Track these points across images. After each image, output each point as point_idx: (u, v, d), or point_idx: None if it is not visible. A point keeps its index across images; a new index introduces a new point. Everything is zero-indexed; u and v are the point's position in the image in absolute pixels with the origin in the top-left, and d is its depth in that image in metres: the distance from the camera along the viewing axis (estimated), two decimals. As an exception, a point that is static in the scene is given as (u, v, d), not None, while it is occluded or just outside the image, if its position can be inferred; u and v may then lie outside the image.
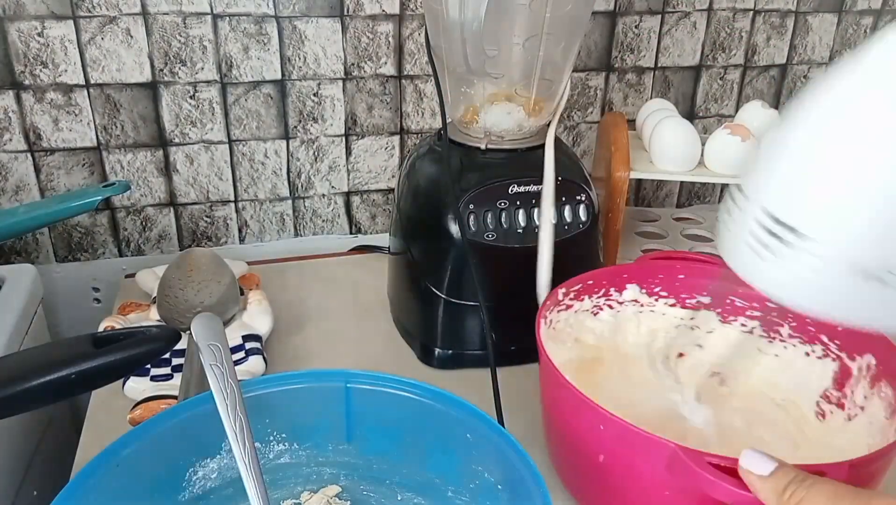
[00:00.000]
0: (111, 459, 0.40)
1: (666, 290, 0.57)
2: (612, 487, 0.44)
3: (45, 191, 0.78)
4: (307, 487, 0.48)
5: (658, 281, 0.57)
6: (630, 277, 0.57)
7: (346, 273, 0.82)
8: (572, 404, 0.44)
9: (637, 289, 0.57)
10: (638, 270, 0.58)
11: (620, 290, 0.57)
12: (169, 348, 0.43)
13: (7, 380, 0.39)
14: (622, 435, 0.41)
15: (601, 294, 0.57)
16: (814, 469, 0.35)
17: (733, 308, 0.56)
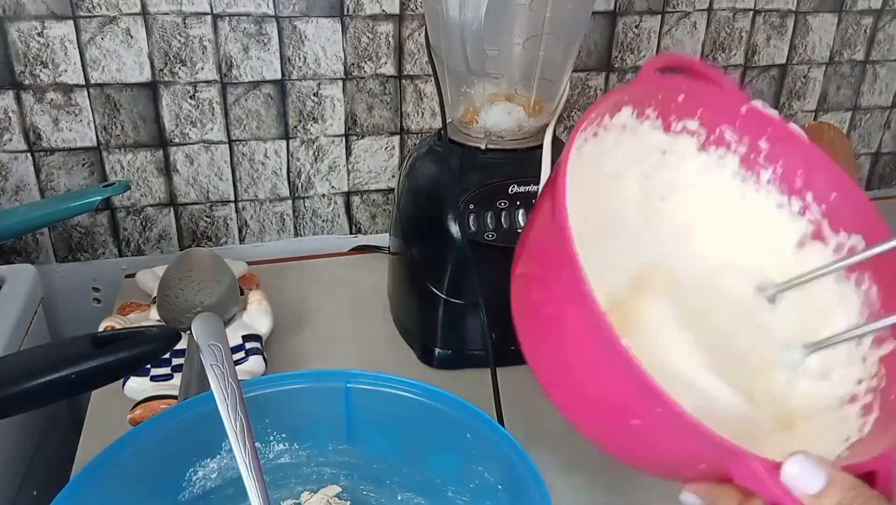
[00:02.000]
0: (111, 460, 0.41)
1: (658, 110, 0.48)
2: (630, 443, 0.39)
3: (45, 191, 0.78)
4: (307, 487, 0.48)
5: (655, 102, 0.48)
6: (629, 98, 0.47)
7: (346, 273, 0.82)
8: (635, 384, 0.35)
9: (630, 111, 0.47)
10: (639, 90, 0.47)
11: (614, 114, 0.47)
12: (169, 348, 0.43)
13: (7, 380, 0.39)
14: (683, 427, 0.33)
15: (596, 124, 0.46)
16: (862, 470, 0.33)
17: (720, 139, 0.49)
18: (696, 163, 0.49)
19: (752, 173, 0.48)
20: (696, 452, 0.35)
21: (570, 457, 0.57)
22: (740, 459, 0.32)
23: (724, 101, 0.47)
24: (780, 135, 0.46)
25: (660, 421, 0.34)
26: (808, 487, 0.31)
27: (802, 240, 0.47)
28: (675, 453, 0.37)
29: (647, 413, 0.34)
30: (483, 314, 0.59)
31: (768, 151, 0.47)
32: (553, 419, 0.60)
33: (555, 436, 0.59)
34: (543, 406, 0.61)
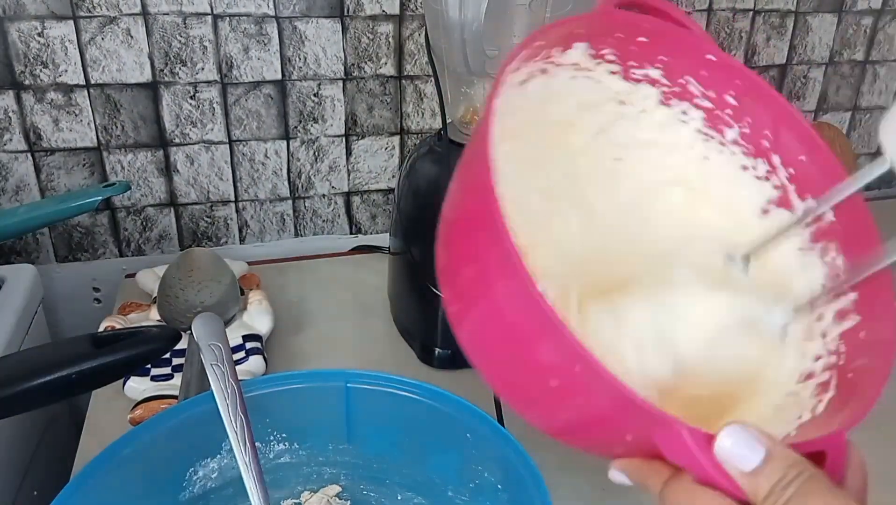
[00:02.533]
0: (111, 459, 0.41)
1: (616, 52, 0.43)
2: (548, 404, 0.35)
3: (46, 191, 0.78)
4: (307, 487, 0.48)
5: (613, 41, 0.42)
6: (585, 32, 0.41)
7: (346, 273, 0.82)
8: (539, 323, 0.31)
9: (585, 49, 0.42)
10: (596, 24, 0.42)
11: (565, 49, 0.41)
12: (169, 348, 0.43)
13: (7, 380, 0.39)
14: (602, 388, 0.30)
15: (543, 57, 0.41)
16: (810, 449, 0.29)
17: (683, 91, 0.44)
18: (657, 117, 0.44)
19: (716, 131, 0.44)
20: (619, 418, 0.31)
21: (571, 457, 0.57)
22: (668, 429, 0.29)
23: (690, 48, 0.42)
24: (748, 88, 0.42)
25: (579, 382, 0.31)
26: (743, 464, 0.27)
27: (766, 206, 0.43)
28: (597, 422, 0.33)
29: (566, 371, 0.31)
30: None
31: (735, 107, 0.43)
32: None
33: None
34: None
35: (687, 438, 0.28)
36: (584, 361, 0.29)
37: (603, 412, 0.32)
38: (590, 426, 0.34)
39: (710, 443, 0.28)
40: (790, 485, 0.27)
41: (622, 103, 0.44)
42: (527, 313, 0.31)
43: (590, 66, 0.43)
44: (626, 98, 0.44)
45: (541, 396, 0.34)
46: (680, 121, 0.44)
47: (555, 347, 0.31)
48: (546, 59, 0.40)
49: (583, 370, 0.29)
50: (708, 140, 0.44)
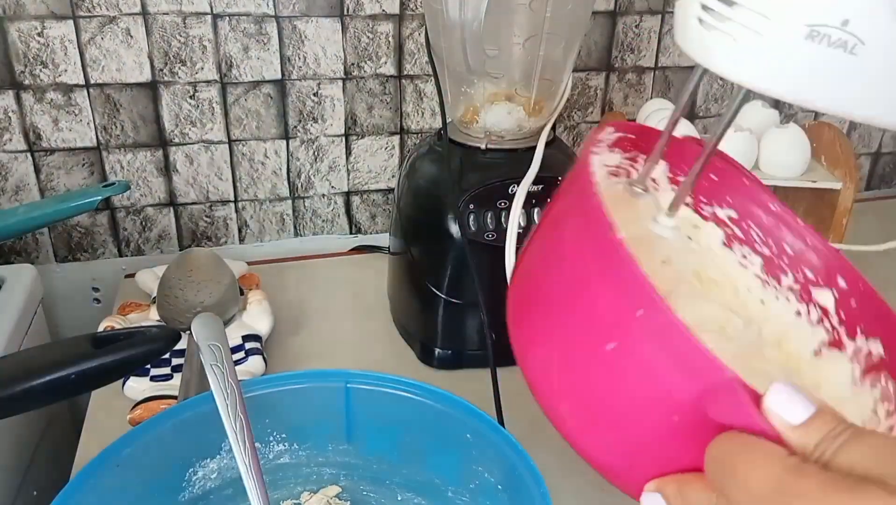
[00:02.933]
0: (111, 459, 0.41)
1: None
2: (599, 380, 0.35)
3: (45, 191, 0.78)
4: (307, 488, 0.48)
5: (688, 168, 0.44)
6: (668, 151, 0.43)
7: (346, 273, 0.82)
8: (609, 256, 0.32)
9: (665, 168, 0.45)
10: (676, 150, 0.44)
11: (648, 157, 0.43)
12: (169, 348, 0.43)
13: (7, 380, 0.39)
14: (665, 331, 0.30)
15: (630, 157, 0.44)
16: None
17: (746, 236, 0.47)
18: (720, 256, 0.47)
19: (774, 278, 0.46)
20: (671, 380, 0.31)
21: (571, 457, 0.57)
22: (722, 384, 0.29)
23: (752, 194, 0.45)
24: (803, 238, 0.45)
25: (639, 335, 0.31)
26: (792, 417, 0.27)
27: (819, 348, 0.44)
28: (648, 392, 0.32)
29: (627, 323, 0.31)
30: (483, 314, 0.59)
31: (791, 255, 0.45)
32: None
33: (555, 436, 0.59)
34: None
35: (739, 389, 0.28)
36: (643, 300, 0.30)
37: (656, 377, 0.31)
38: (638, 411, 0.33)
39: (759, 401, 0.28)
40: (840, 435, 0.26)
41: (690, 239, 0.46)
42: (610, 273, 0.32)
43: (666, 188, 0.45)
44: (693, 233, 0.46)
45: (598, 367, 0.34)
46: (741, 265, 0.47)
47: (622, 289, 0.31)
48: (633, 161, 0.44)
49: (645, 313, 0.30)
50: (766, 285, 0.46)
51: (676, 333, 0.29)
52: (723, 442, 0.29)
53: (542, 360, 0.38)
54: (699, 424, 0.30)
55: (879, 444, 0.25)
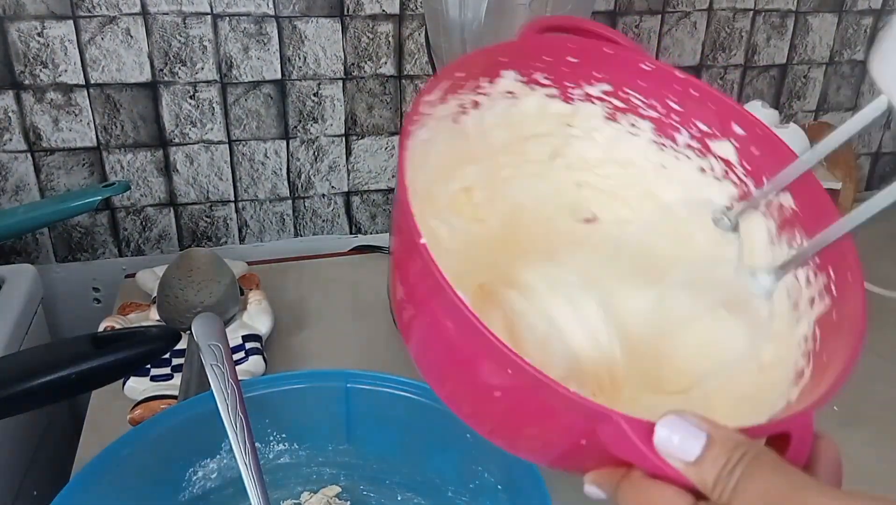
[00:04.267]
0: (110, 460, 0.41)
1: (548, 75, 0.42)
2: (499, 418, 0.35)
3: (45, 191, 0.78)
4: (307, 488, 0.48)
5: (542, 65, 0.42)
6: (510, 60, 0.41)
7: (346, 273, 0.82)
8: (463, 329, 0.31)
9: (514, 76, 0.42)
10: (519, 51, 0.42)
11: (493, 78, 0.41)
12: (169, 348, 0.43)
13: (7, 380, 0.39)
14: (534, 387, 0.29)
15: (470, 89, 0.40)
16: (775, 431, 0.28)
17: (627, 104, 0.44)
18: (606, 133, 0.44)
19: (668, 138, 0.43)
20: (562, 419, 0.30)
21: (570, 457, 0.57)
22: (607, 421, 0.28)
23: (623, 61, 0.42)
24: (688, 91, 0.42)
25: (515, 385, 0.30)
26: (685, 454, 0.26)
27: (731, 204, 0.42)
28: (548, 428, 0.32)
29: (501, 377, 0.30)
30: (483, 314, 0.59)
31: (681, 112, 0.42)
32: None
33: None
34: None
35: (627, 430, 0.27)
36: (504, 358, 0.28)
37: (550, 417, 0.31)
38: (545, 436, 0.33)
39: (652, 433, 0.27)
40: (735, 468, 0.26)
41: (569, 126, 0.44)
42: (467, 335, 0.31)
43: (525, 93, 0.42)
44: (571, 120, 0.44)
45: (490, 410, 0.34)
46: (630, 133, 0.44)
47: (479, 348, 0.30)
48: (475, 90, 0.40)
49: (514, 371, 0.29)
50: (662, 149, 0.44)
51: (548, 390, 0.28)
52: (625, 494, 0.29)
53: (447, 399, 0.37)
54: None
55: (773, 484, 0.25)
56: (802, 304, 0.38)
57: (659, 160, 0.44)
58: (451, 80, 0.38)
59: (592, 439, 0.29)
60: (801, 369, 0.36)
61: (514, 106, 0.42)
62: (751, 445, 0.26)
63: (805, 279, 0.38)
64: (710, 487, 0.26)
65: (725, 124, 0.41)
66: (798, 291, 0.38)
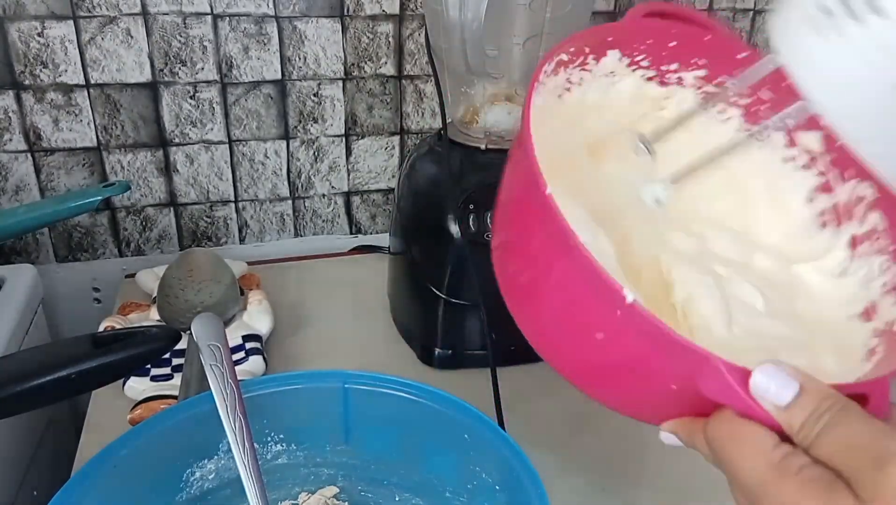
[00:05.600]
0: (108, 460, 0.40)
1: (649, 58, 0.45)
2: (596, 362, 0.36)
3: (45, 191, 0.78)
4: (305, 488, 0.48)
5: (645, 47, 0.44)
6: (615, 40, 0.43)
7: (346, 273, 0.82)
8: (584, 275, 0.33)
9: (618, 56, 0.44)
10: (625, 32, 0.44)
11: (600, 56, 0.43)
12: (169, 348, 0.43)
13: (7, 380, 0.39)
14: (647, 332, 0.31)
15: (578, 64, 0.43)
16: (854, 391, 0.30)
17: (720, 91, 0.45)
18: (698, 119, 0.45)
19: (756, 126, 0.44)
20: (661, 363, 0.32)
21: (570, 457, 0.57)
22: (707, 367, 0.30)
23: (720, 49, 0.43)
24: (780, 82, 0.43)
25: (621, 328, 0.32)
26: (778, 398, 0.29)
27: (810, 195, 0.44)
28: (642, 371, 0.34)
29: (608, 320, 0.32)
30: (483, 314, 0.59)
31: (772, 102, 0.43)
32: (553, 420, 0.60)
33: (554, 436, 0.59)
34: (543, 407, 0.61)
35: (725, 373, 0.29)
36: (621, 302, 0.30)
37: (645, 358, 0.33)
38: (638, 380, 0.35)
39: (748, 377, 0.30)
40: (823, 416, 0.28)
41: (662, 109, 0.46)
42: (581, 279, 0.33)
43: (626, 74, 0.45)
44: (665, 103, 0.46)
45: (590, 354, 0.35)
46: (719, 121, 0.45)
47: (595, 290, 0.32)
48: (582, 66, 0.43)
49: (623, 313, 0.31)
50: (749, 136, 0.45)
51: (656, 332, 0.30)
52: (716, 427, 0.31)
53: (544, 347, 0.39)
54: (698, 393, 0.31)
55: (856, 431, 0.28)
56: (875, 287, 0.40)
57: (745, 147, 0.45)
58: (564, 52, 0.40)
59: (685, 384, 0.31)
60: (874, 347, 0.37)
61: (612, 86, 0.44)
62: (839, 398, 0.29)
63: (879, 267, 0.40)
64: (795, 430, 0.29)
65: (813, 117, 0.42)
66: (872, 276, 0.40)
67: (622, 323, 0.32)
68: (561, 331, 0.37)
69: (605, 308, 0.32)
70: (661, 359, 0.32)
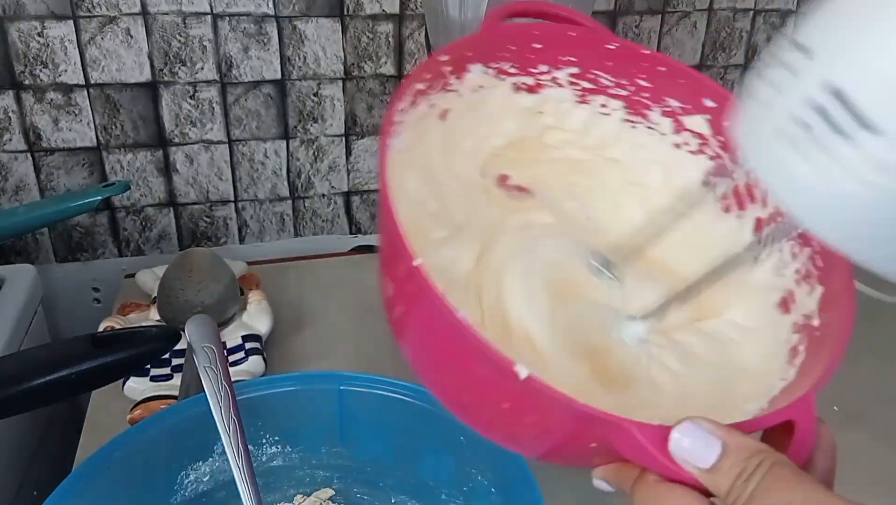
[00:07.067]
0: (103, 462, 0.41)
1: (515, 64, 0.42)
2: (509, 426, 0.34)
3: (45, 191, 0.79)
4: (300, 490, 0.48)
5: (507, 54, 0.41)
6: (475, 54, 0.40)
7: (346, 273, 0.82)
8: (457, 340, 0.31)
9: (482, 70, 0.41)
10: (485, 42, 0.41)
11: (461, 73, 0.40)
12: (169, 348, 0.44)
13: (7, 380, 0.39)
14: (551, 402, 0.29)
15: (439, 88, 0.39)
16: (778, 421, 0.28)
17: (596, 85, 0.43)
18: (578, 117, 0.43)
19: (640, 116, 0.43)
20: (574, 429, 0.30)
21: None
22: (618, 429, 0.28)
23: (588, 42, 0.41)
24: (657, 67, 0.41)
25: (525, 399, 0.30)
26: (700, 461, 0.27)
27: (707, 178, 0.41)
28: (557, 433, 0.32)
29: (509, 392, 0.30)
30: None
31: (651, 88, 0.42)
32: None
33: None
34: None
35: (639, 437, 0.27)
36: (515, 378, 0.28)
37: (560, 425, 0.31)
38: (555, 441, 0.33)
39: (667, 438, 0.28)
40: (752, 478, 0.26)
41: (540, 113, 0.43)
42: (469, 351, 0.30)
43: (495, 84, 0.42)
44: (542, 108, 0.43)
45: (499, 420, 0.34)
46: (601, 114, 0.43)
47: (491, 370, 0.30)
48: (445, 87, 0.39)
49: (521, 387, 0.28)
50: (635, 126, 0.43)
51: (559, 403, 0.28)
52: (641, 494, 0.29)
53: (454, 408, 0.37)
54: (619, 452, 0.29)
55: (791, 497, 0.25)
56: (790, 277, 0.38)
57: (633, 139, 0.43)
58: (420, 80, 0.37)
59: (603, 443, 0.29)
60: (795, 346, 0.36)
61: (482, 103, 0.41)
62: (768, 455, 0.26)
63: (790, 253, 0.38)
64: (723, 494, 0.26)
65: (697, 99, 0.41)
66: (784, 264, 0.38)
67: (524, 395, 0.29)
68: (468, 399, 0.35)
69: (503, 382, 0.29)
70: (573, 425, 0.30)
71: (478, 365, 0.31)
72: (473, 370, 0.32)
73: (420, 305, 0.33)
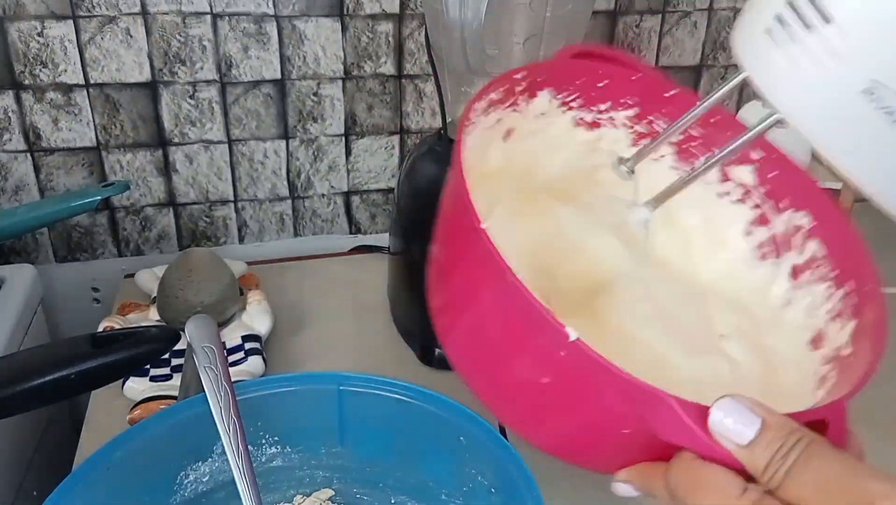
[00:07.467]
0: (102, 462, 0.40)
1: (581, 97, 0.44)
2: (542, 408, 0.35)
3: (45, 191, 0.79)
4: (300, 491, 0.48)
5: (574, 88, 0.44)
6: (547, 79, 0.43)
7: (346, 273, 0.82)
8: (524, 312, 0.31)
9: (549, 97, 0.43)
10: (557, 71, 0.44)
11: (531, 97, 0.43)
12: (168, 348, 0.44)
13: (7, 380, 0.39)
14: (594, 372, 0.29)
15: (507, 105, 0.42)
16: (812, 418, 0.28)
17: (650, 130, 0.45)
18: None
19: (688, 164, 0.45)
20: (611, 406, 0.30)
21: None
22: (662, 407, 0.28)
23: (648, 88, 0.44)
24: (710, 120, 0.43)
25: (567, 371, 0.30)
26: (738, 437, 0.27)
27: (748, 228, 0.44)
28: (592, 415, 0.32)
29: (552, 361, 0.30)
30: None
31: (701, 137, 0.44)
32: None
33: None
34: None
35: (681, 412, 0.28)
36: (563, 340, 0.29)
37: (596, 402, 0.31)
38: (587, 426, 0.33)
39: (706, 415, 0.28)
40: (790, 453, 0.26)
41: (594, 151, 0.45)
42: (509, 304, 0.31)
43: (557, 115, 0.44)
44: (597, 145, 0.45)
45: (536, 400, 0.34)
46: (652, 160, 0.45)
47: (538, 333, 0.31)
48: (514, 106, 0.42)
49: (567, 353, 0.29)
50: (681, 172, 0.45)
51: (604, 372, 0.29)
52: (677, 474, 0.29)
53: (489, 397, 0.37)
54: (654, 436, 0.29)
55: (829, 471, 0.26)
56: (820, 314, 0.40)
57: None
58: (496, 91, 0.40)
59: (639, 427, 0.30)
60: (825, 375, 0.37)
61: (542, 132, 0.44)
62: (805, 433, 0.27)
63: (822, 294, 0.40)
64: (761, 471, 0.26)
65: (745, 149, 0.42)
66: (817, 304, 0.40)
67: (568, 363, 0.30)
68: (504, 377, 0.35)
69: (548, 348, 0.30)
70: (611, 401, 0.30)
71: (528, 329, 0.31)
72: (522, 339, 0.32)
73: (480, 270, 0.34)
